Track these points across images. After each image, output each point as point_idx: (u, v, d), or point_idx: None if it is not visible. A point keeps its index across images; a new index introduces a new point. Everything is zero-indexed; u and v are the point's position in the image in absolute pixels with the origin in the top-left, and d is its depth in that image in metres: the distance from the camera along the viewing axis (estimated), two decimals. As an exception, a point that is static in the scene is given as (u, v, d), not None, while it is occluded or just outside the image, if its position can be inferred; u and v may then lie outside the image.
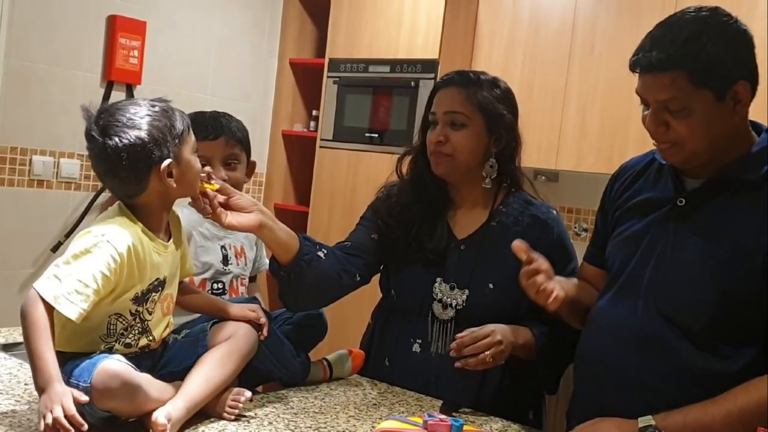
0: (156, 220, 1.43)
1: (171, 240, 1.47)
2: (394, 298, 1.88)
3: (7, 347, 1.79)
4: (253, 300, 1.64)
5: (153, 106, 1.39)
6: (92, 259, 1.30)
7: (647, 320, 1.48)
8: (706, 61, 1.37)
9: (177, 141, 1.39)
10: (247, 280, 1.88)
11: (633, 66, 1.45)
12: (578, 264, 1.82)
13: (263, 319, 1.55)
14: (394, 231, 1.84)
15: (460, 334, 1.67)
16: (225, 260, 1.80)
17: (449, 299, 1.79)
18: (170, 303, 1.48)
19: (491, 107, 1.79)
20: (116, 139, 1.34)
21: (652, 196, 1.57)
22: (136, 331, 1.41)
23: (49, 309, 1.27)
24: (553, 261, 1.60)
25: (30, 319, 1.27)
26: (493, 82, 1.84)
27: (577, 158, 3.38)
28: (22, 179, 3.19)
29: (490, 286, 1.77)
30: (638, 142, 2.96)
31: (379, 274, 1.93)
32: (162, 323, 1.46)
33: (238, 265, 1.83)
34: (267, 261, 1.96)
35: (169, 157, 1.37)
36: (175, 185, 1.39)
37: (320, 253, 1.70)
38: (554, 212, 1.87)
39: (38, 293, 1.26)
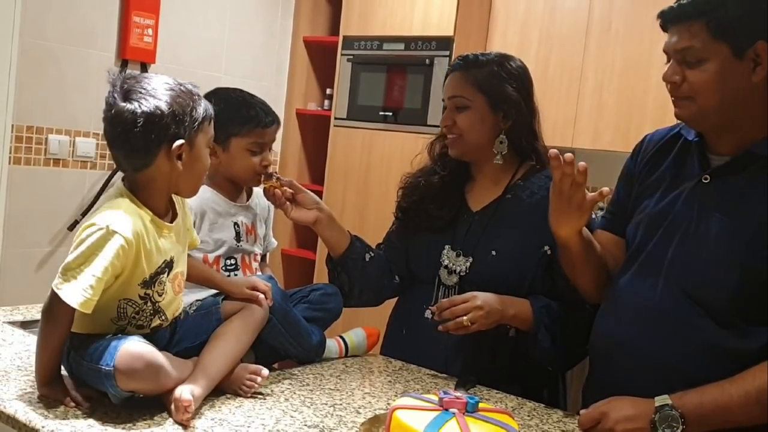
0: (158, 202, 1.40)
1: (175, 220, 1.45)
2: (412, 268, 1.93)
3: (26, 324, 1.81)
4: (268, 279, 1.64)
5: (180, 85, 1.38)
6: (104, 255, 1.29)
7: (668, 298, 1.46)
8: (725, 15, 1.38)
9: (195, 126, 1.37)
10: (258, 257, 1.88)
11: (660, 18, 1.47)
12: None
13: (261, 297, 1.55)
14: (412, 205, 1.92)
15: (442, 300, 1.72)
16: (238, 237, 1.81)
17: (454, 266, 1.83)
18: (181, 280, 1.48)
19: (492, 86, 1.82)
20: (135, 104, 1.32)
21: (677, 172, 1.55)
22: (148, 313, 1.41)
23: (70, 312, 1.30)
24: None
25: (52, 321, 1.32)
26: (496, 61, 1.86)
27: (593, 136, 3.35)
28: (38, 158, 3.20)
29: (493, 253, 1.79)
30: (655, 120, 2.92)
31: None
32: (174, 303, 1.46)
33: (248, 241, 1.84)
34: (274, 241, 2.00)
35: (183, 138, 1.36)
36: (181, 169, 1.37)
37: (366, 256, 1.91)
38: None
39: (60, 297, 1.28)
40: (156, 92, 1.34)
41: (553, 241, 1.65)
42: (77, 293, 1.27)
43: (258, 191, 1.91)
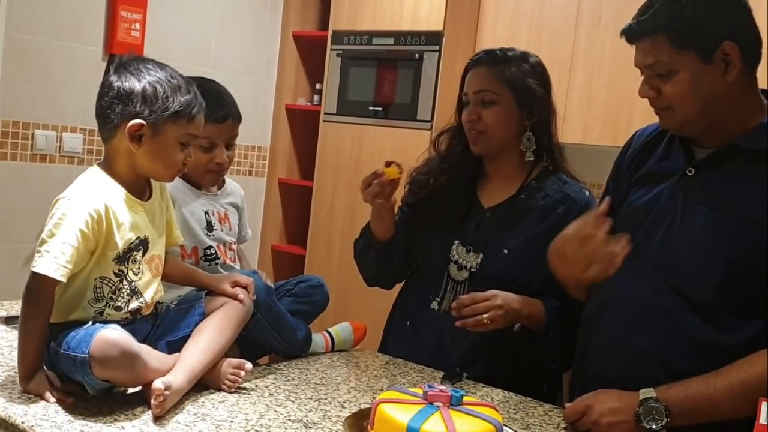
0: (127, 177, 1.42)
1: (150, 200, 1.46)
2: (420, 261, 1.93)
3: (9, 320, 1.79)
4: (252, 274, 1.63)
5: (173, 77, 1.41)
6: (73, 223, 1.32)
7: (653, 291, 1.46)
8: (684, 23, 1.38)
9: (165, 114, 1.38)
10: (235, 245, 1.87)
11: (624, 37, 1.47)
12: None
13: (241, 296, 1.54)
14: (420, 195, 1.92)
15: (463, 296, 1.73)
16: (209, 226, 1.79)
17: (464, 261, 1.84)
18: (158, 264, 1.47)
19: (519, 82, 1.83)
20: (116, 77, 1.39)
21: (662, 166, 1.56)
22: (125, 293, 1.40)
23: (49, 288, 1.31)
24: None
25: (32, 303, 1.32)
26: (521, 57, 1.87)
27: (583, 131, 3.34)
28: (24, 153, 3.18)
29: (505, 251, 1.81)
30: (645, 115, 2.88)
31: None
32: (152, 285, 1.46)
33: (222, 230, 1.82)
34: (250, 231, 1.98)
35: (144, 119, 1.37)
36: (137, 150, 1.38)
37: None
38: (587, 193, 1.88)
39: (37, 273, 1.29)
40: (141, 73, 1.39)
41: None
42: (51, 263, 1.29)
43: (230, 181, 1.90)
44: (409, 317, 1.93)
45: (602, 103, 3.27)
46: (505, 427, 1.30)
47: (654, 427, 1.35)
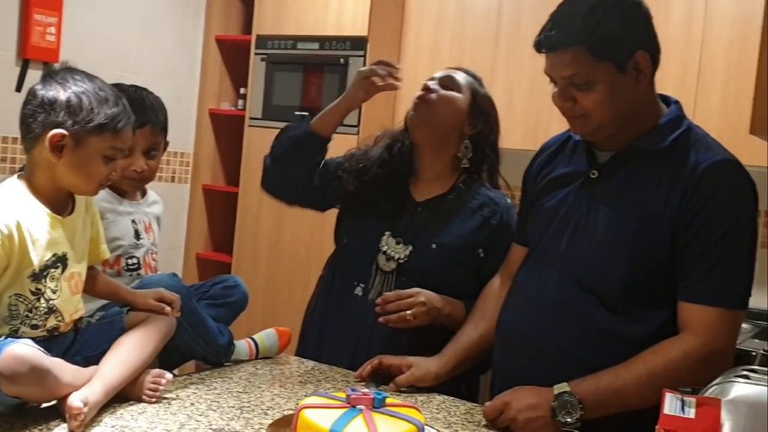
0: (47, 191, 1.39)
1: (71, 216, 1.42)
2: (345, 245, 1.96)
3: None
4: (172, 277, 1.61)
5: (101, 90, 1.39)
6: None
7: (563, 289, 1.52)
8: (603, 35, 1.43)
9: (89, 126, 1.36)
10: (157, 255, 1.84)
11: (537, 47, 1.51)
12: None
13: (167, 309, 1.52)
14: (356, 183, 1.95)
15: (388, 292, 1.78)
16: (137, 234, 1.77)
17: (393, 252, 1.87)
18: (78, 282, 1.44)
19: (479, 97, 1.94)
20: (41, 86, 1.37)
21: (567, 170, 1.63)
22: (42, 312, 1.37)
23: None
24: (499, 243, 1.82)
25: None
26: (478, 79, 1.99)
27: (504, 136, 3.40)
28: (-67, 161, 3.05)
29: (433, 246, 1.85)
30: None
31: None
32: (71, 303, 1.42)
33: (148, 239, 1.80)
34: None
35: (67, 129, 1.34)
36: (57, 161, 1.35)
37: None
38: (508, 200, 1.96)
39: None
40: (68, 83, 1.37)
41: (488, 245, 1.82)
42: None
43: (151, 192, 1.88)
44: (333, 299, 1.94)
45: (522, 110, 3.35)
46: (427, 427, 1.32)
47: (569, 420, 1.40)
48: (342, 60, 3.57)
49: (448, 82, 1.92)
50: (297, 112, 2.00)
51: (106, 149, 1.39)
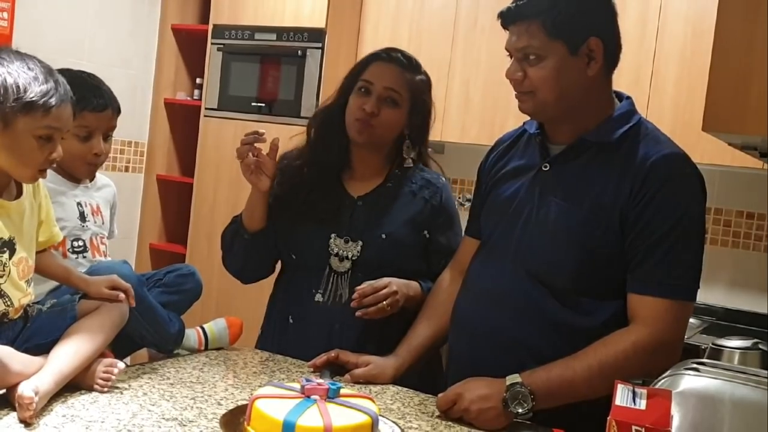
0: None
1: (18, 200, 1.39)
2: (292, 258, 1.92)
3: None
4: (123, 264, 1.59)
5: (30, 68, 1.32)
6: None
7: (515, 280, 1.55)
8: (559, 14, 1.47)
9: (15, 106, 1.30)
10: (106, 239, 1.82)
11: (500, 18, 1.55)
12: (461, 230, 1.90)
13: (121, 296, 1.50)
14: (287, 193, 1.90)
15: (359, 287, 1.78)
16: (82, 217, 1.75)
17: (345, 252, 1.86)
18: (26, 266, 1.41)
19: (419, 93, 1.90)
20: None
21: (520, 163, 1.65)
22: None
23: None
24: (440, 222, 1.89)
25: None
26: (419, 67, 1.94)
27: (461, 130, 3.44)
28: None
29: (383, 236, 1.85)
30: (518, 115, 3.00)
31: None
32: (20, 288, 1.40)
33: (95, 222, 1.78)
34: (116, 230, 1.95)
35: None
36: None
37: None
38: (443, 179, 1.98)
39: None
40: None
41: (431, 225, 1.86)
42: None
43: (101, 175, 1.86)
44: (292, 313, 1.92)
45: (479, 104, 3.38)
46: (381, 418, 1.33)
47: (521, 411, 1.42)
48: (299, 51, 3.56)
49: (392, 95, 1.85)
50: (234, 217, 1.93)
51: (38, 129, 1.33)
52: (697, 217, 1.50)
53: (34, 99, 1.31)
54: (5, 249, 1.35)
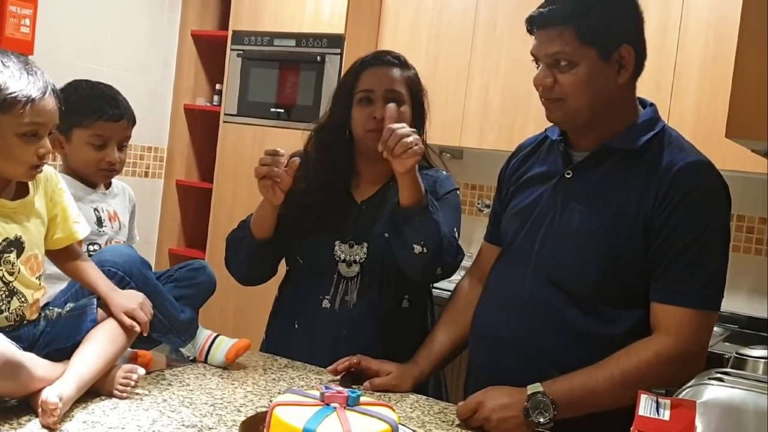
0: None
1: (24, 199, 1.38)
2: (300, 263, 1.92)
3: None
4: (127, 247, 1.61)
5: (5, 65, 1.29)
6: None
7: (536, 288, 1.53)
8: (592, 20, 1.46)
9: None
10: (125, 243, 1.83)
11: (528, 23, 1.53)
12: (455, 221, 1.84)
13: (136, 328, 1.48)
14: (297, 201, 1.86)
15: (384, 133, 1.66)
16: (99, 222, 1.77)
17: (351, 257, 1.86)
18: (35, 263, 1.41)
19: (416, 88, 1.89)
20: None
21: (543, 170, 1.63)
22: (3, 295, 1.35)
23: None
24: (443, 207, 1.78)
25: None
26: (407, 63, 1.93)
27: (479, 136, 3.43)
28: None
29: (386, 235, 1.83)
30: (538, 120, 2.99)
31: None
32: (31, 284, 1.40)
33: (112, 228, 1.80)
34: (137, 236, 1.97)
35: None
36: None
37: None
38: (444, 172, 1.96)
39: None
40: None
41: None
42: None
43: (118, 181, 1.88)
44: (298, 319, 1.91)
45: (498, 109, 3.37)
46: (401, 426, 1.32)
47: (542, 420, 1.41)
48: (318, 57, 3.57)
49: (396, 96, 1.84)
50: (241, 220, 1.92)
51: (20, 126, 1.30)
52: (721, 225, 1.48)
53: (12, 96, 1.28)
54: (12, 248, 1.36)
